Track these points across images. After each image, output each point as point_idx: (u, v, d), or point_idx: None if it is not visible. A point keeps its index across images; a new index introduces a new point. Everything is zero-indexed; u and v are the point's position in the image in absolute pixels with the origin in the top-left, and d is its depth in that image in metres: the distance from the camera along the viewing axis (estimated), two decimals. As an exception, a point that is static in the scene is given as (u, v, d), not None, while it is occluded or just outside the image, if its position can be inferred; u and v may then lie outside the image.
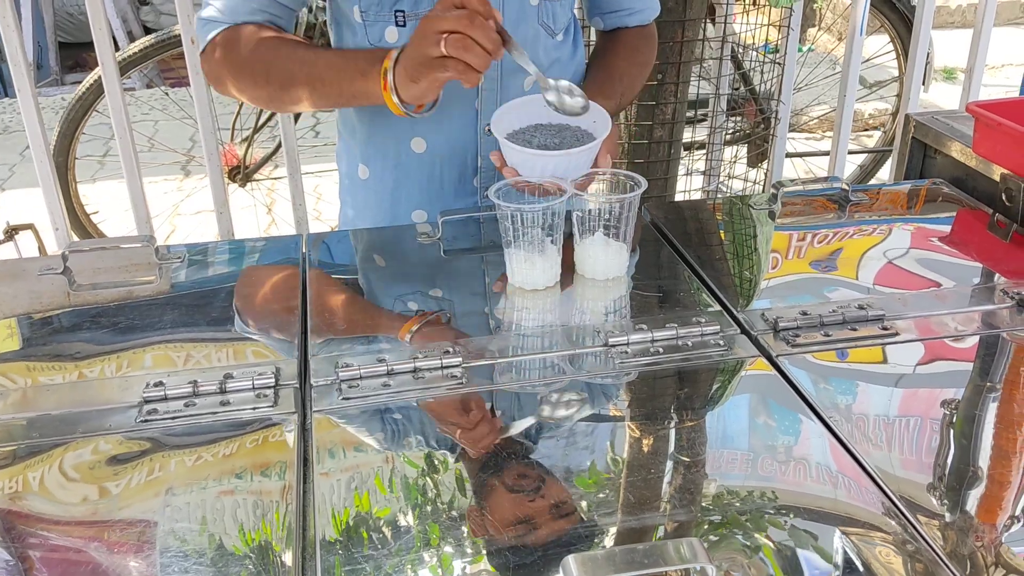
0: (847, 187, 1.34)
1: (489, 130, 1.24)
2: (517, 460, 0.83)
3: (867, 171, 3.58)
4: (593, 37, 1.51)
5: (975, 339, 1.00)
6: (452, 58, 1.02)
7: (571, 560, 0.64)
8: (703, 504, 0.78)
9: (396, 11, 1.20)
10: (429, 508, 0.77)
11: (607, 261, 1.10)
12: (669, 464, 0.83)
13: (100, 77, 2.17)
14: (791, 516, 0.76)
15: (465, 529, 0.74)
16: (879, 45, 3.51)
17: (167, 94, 4.45)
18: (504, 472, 0.81)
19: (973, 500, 0.78)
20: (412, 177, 1.31)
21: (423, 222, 1.31)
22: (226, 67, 1.21)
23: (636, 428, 0.88)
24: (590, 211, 1.08)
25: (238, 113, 3.21)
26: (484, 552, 0.72)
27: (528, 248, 1.07)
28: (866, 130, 4.46)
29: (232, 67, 1.20)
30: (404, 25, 1.20)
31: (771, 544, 0.73)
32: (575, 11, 1.36)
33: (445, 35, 1.01)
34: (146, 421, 0.86)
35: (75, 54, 5.51)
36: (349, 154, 1.36)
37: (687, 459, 0.83)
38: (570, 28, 1.34)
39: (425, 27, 1.03)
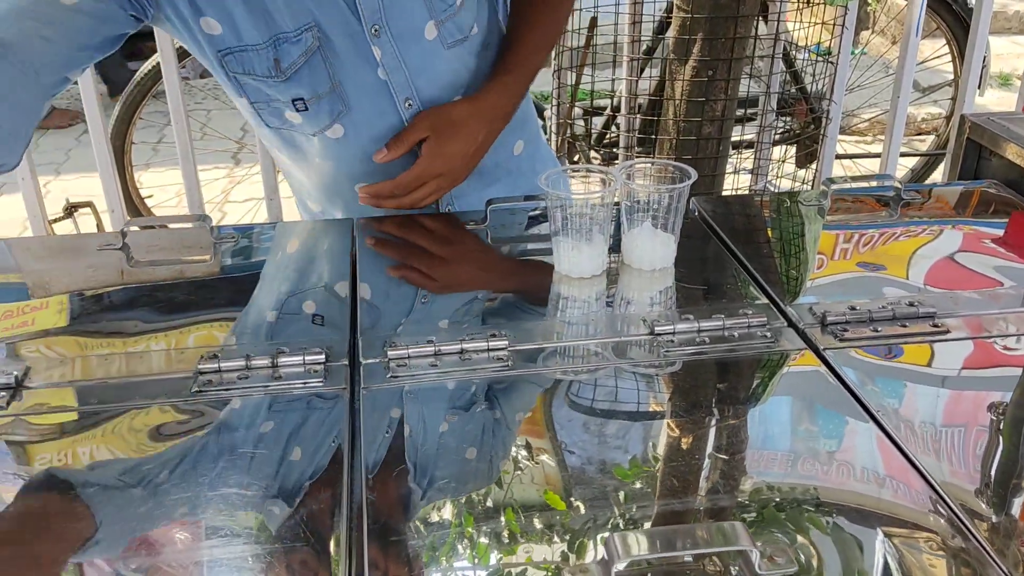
0: (900, 185, 1.32)
1: (410, 103, 1.20)
2: (559, 445, 0.84)
3: (918, 175, 3.53)
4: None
5: (1028, 339, 0.99)
6: None
7: (615, 539, 0.65)
8: (747, 494, 0.78)
9: (295, 100, 1.16)
10: (472, 488, 0.78)
11: (654, 251, 1.10)
12: (714, 454, 0.83)
13: (157, 64, 2.21)
14: (835, 509, 0.76)
15: (507, 508, 0.75)
16: (933, 49, 3.46)
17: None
18: (545, 455, 0.82)
19: None
20: (343, 163, 1.26)
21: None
22: None
23: (680, 418, 0.88)
24: (639, 201, 1.08)
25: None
26: (527, 531, 0.72)
27: (576, 236, 1.08)
28: (918, 134, 4.40)
29: None
30: (307, 110, 1.16)
31: (815, 534, 0.73)
32: None
33: None
34: (200, 392, 0.89)
35: (132, 42, 5.61)
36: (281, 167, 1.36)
37: (732, 450, 0.83)
38: (480, 15, 1.24)
39: None
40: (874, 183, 1.39)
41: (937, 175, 3.53)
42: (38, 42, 0.97)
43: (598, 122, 2.84)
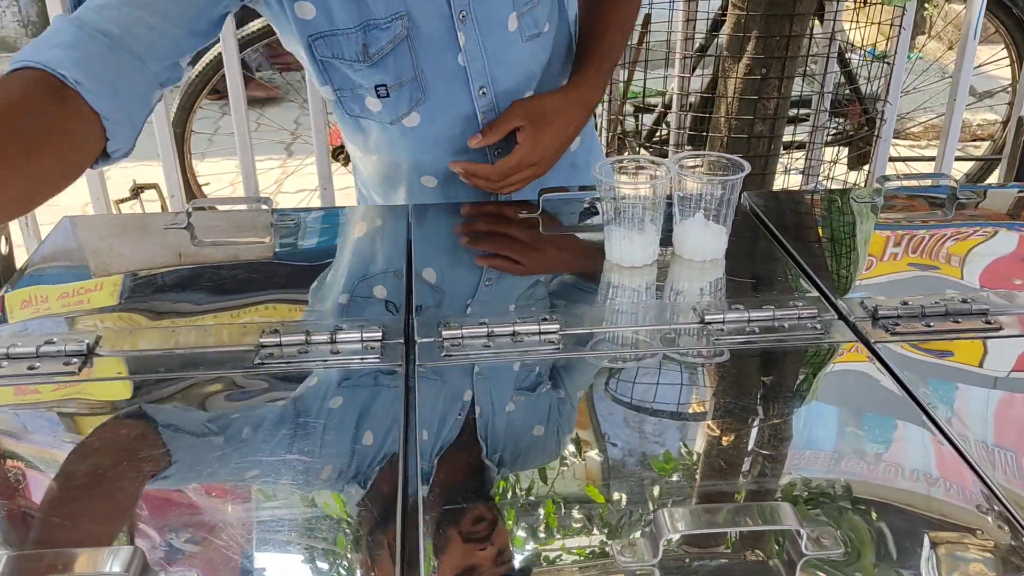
0: (955, 185, 1.32)
1: (484, 92, 1.24)
2: (610, 429, 0.85)
3: (973, 180, 3.48)
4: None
5: (1083, 339, 0.98)
6: None
7: (663, 514, 0.67)
8: (795, 483, 0.79)
9: (378, 86, 1.20)
10: (523, 466, 0.80)
11: (705, 243, 1.11)
12: (761, 443, 0.84)
13: (218, 55, 2.26)
14: (883, 500, 0.76)
15: (561, 486, 0.77)
16: (989, 54, 3.41)
17: (279, 74, 4.60)
18: (598, 439, 0.83)
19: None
20: (416, 144, 1.29)
21: (435, 187, 1.34)
22: None
23: (728, 407, 0.89)
24: (692, 193, 1.09)
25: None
26: (578, 509, 0.74)
27: (628, 226, 1.09)
28: (973, 140, 4.33)
29: None
30: (388, 96, 1.21)
31: (861, 523, 0.73)
32: None
33: None
34: (262, 364, 0.92)
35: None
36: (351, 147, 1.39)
37: (780, 440, 0.84)
38: (552, 13, 1.29)
39: None
40: (929, 182, 1.39)
41: (992, 180, 3.47)
42: (143, 30, 0.99)
43: (648, 119, 2.84)
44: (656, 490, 0.76)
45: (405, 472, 0.77)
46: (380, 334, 0.95)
